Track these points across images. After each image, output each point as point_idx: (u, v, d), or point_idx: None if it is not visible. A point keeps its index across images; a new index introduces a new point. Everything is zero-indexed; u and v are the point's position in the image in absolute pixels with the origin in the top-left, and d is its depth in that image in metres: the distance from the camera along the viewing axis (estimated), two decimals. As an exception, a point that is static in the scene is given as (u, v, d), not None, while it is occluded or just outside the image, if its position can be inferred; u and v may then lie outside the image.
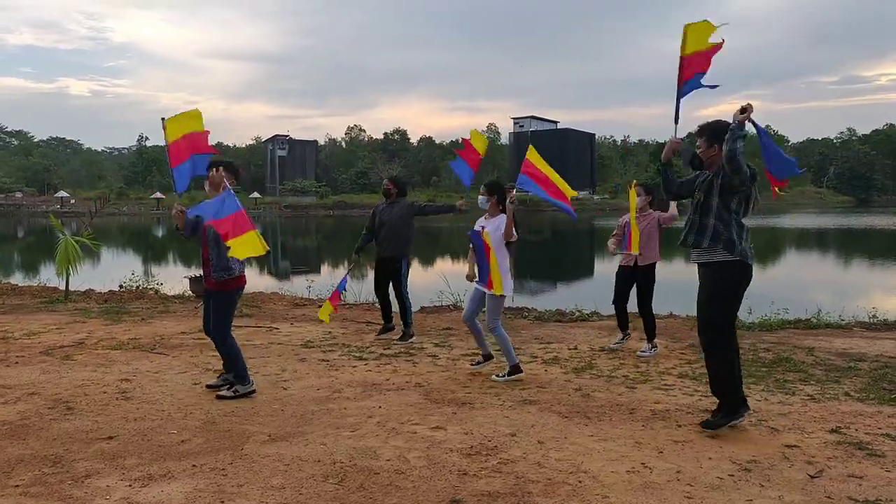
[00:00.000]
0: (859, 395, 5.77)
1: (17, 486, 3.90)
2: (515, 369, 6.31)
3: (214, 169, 5.72)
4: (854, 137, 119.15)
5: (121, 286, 12.78)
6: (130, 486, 3.90)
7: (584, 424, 4.99)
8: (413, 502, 3.69)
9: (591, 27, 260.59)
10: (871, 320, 9.56)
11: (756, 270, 4.91)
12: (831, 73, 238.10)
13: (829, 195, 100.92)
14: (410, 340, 8.05)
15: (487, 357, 6.74)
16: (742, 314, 9.30)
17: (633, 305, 7.60)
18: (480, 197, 6.53)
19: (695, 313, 5.01)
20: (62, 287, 11.93)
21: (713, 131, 4.76)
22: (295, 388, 5.98)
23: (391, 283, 8.27)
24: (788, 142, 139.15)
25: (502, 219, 6.36)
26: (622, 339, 7.68)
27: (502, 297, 6.30)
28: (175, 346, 7.74)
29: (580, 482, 3.95)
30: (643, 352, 7.35)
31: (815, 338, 8.25)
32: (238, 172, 6.04)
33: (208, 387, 5.87)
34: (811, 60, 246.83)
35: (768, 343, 7.88)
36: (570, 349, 7.66)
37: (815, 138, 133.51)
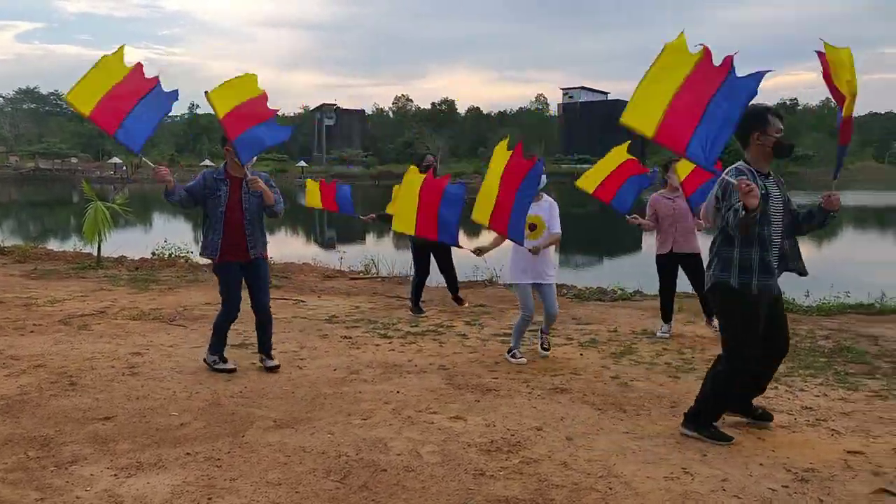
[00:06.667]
0: (932, 392, 5.15)
1: (-3, 470, 3.62)
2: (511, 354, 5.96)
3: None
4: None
5: (153, 254, 12.62)
6: (115, 475, 3.58)
7: (619, 419, 4.52)
8: (419, 507, 3.29)
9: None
10: (943, 307, 8.77)
11: (809, 250, 4.31)
12: (895, 44, 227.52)
13: (893, 171, 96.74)
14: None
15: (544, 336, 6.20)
16: (799, 297, 8.68)
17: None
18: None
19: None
20: (96, 253, 11.81)
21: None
22: (310, 368, 5.62)
23: (436, 260, 8.20)
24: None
25: (552, 205, 5.87)
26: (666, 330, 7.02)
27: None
28: (196, 317, 7.46)
29: (610, 489, 3.49)
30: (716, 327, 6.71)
31: (881, 325, 7.54)
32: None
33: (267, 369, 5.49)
34: (873, 31, 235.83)
35: (828, 330, 7.21)
36: (609, 331, 7.14)
37: (879, 112, 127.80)
